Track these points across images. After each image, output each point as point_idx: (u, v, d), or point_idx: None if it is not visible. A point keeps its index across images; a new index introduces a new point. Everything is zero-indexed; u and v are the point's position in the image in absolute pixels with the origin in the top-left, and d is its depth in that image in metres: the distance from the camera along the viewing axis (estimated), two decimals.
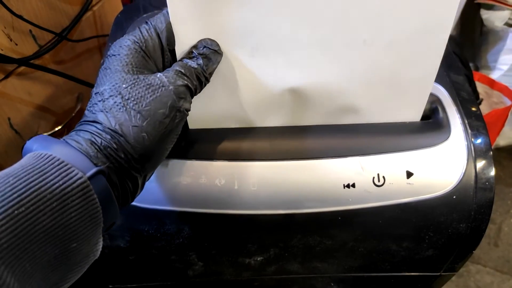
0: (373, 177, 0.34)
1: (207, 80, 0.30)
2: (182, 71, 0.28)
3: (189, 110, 0.29)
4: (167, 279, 0.39)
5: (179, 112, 0.28)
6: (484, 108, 0.81)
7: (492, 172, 0.35)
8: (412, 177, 0.34)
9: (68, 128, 0.62)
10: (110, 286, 0.40)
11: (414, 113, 0.36)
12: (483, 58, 1.01)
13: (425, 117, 0.37)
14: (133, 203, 0.33)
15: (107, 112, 0.26)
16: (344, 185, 0.34)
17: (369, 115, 0.36)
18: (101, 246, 0.25)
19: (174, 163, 0.33)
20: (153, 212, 0.34)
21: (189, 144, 0.34)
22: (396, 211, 0.34)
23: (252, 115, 0.35)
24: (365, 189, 0.34)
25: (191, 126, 0.36)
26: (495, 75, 0.97)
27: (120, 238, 0.34)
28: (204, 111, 0.35)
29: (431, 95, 0.37)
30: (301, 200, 0.34)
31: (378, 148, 0.35)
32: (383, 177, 0.34)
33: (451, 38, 0.78)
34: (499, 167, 1.10)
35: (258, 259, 0.37)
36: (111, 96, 0.26)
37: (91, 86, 0.60)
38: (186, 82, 0.28)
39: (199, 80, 0.29)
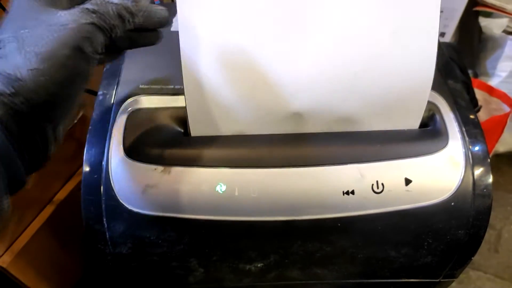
0: (372, 184, 0.34)
1: (134, 17, 0.27)
2: (92, 8, 0.25)
3: (100, 52, 0.26)
4: (168, 286, 0.40)
5: (83, 54, 0.25)
6: (483, 115, 0.82)
7: (490, 179, 0.35)
8: (410, 184, 0.34)
9: (70, 136, 0.63)
10: None
11: (412, 121, 0.37)
12: (482, 65, 1.02)
13: (423, 124, 0.38)
14: (135, 209, 0.34)
15: (1, 58, 0.24)
16: (343, 192, 0.34)
17: (368, 124, 0.36)
18: (7, 206, 0.23)
19: (176, 170, 0.34)
20: (155, 219, 0.34)
21: (190, 151, 0.35)
22: (395, 218, 0.35)
23: (253, 123, 0.36)
24: (364, 196, 0.34)
25: (193, 133, 0.36)
26: (494, 82, 0.98)
27: (122, 245, 0.35)
28: (206, 118, 0.36)
29: (429, 103, 0.38)
30: (301, 207, 0.34)
31: (377, 156, 0.35)
32: (382, 184, 0.34)
33: (450, 46, 0.78)
34: (499, 173, 1.10)
35: (259, 265, 0.38)
36: (9, 42, 0.24)
37: (93, 93, 0.61)
38: (92, 20, 0.25)
39: (120, 18, 0.26)
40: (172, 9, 0.46)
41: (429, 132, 0.37)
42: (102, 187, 0.34)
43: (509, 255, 0.94)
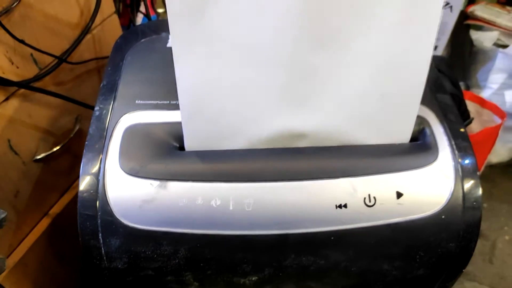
0: (364, 198, 0.35)
1: None
2: None
3: None
4: None
5: None
6: (476, 127, 0.83)
7: (480, 192, 0.36)
8: (402, 198, 0.35)
9: (66, 149, 0.63)
10: None
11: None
12: (473, 77, 1.04)
13: (414, 138, 0.39)
14: (131, 224, 0.34)
15: None
16: (336, 205, 0.35)
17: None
18: None
19: (172, 185, 0.34)
20: (150, 233, 0.34)
21: (185, 166, 0.35)
22: (387, 231, 0.35)
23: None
24: (356, 209, 0.35)
25: (188, 148, 0.37)
26: (485, 94, 1.00)
27: (118, 260, 0.35)
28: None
29: (420, 117, 0.39)
30: (295, 221, 0.35)
31: (369, 169, 0.36)
32: (374, 197, 0.35)
33: (441, 59, 0.80)
34: (492, 184, 1.11)
35: (253, 279, 0.38)
36: None
37: (90, 107, 0.62)
38: None
39: None
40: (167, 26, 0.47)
41: (419, 146, 0.38)
42: (98, 202, 0.34)
43: (503, 266, 0.94)
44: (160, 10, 0.96)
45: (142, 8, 0.79)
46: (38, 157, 0.58)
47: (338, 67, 0.34)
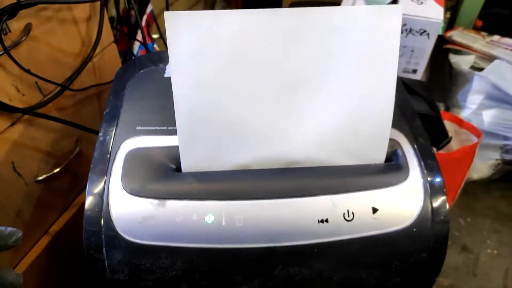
0: (344, 213, 0.39)
1: None
2: None
3: None
4: None
5: None
6: (454, 145, 0.88)
7: (447, 207, 0.40)
8: (377, 213, 0.39)
9: (66, 170, 0.66)
10: None
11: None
12: (453, 98, 1.09)
13: (388, 159, 0.43)
14: (132, 239, 0.38)
15: None
16: (318, 220, 0.38)
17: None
18: None
19: (169, 203, 0.38)
20: (150, 247, 0.38)
21: (182, 186, 0.39)
22: (365, 243, 0.39)
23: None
24: (337, 223, 0.39)
25: (185, 169, 0.41)
26: (464, 114, 1.05)
27: (120, 272, 0.38)
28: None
29: (393, 140, 0.43)
30: (281, 234, 0.38)
31: (348, 187, 0.40)
32: (352, 212, 0.39)
33: (419, 83, 0.85)
34: (475, 200, 1.15)
35: None
36: None
37: (90, 130, 0.65)
38: None
39: None
40: (166, 57, 0.52)
41: (392, 166, 0.42)
42: (102, 219, 0.38)
43: (486, 278, 0.98)
44: (155, 36, 1.01)
45: (138, 35, 0.83)
46: (40, 178, 0.61)
47: (314, 108, 0.40)
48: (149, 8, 0.92)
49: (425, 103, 0.74)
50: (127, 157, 0.41)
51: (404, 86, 0.54)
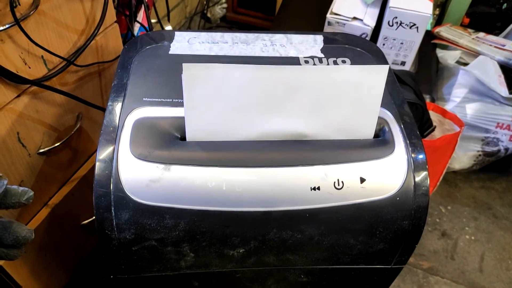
0: (334, 182, 0.42)
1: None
2: None
3: None
4: (162, 270, 0.46)
5: None
6: (438, 134, 0.92)
7: (428, 181, 0.44)
8: (364, 182, 0.43)
9: (67, 144, 0.69)
10: (112, 276, 0.46)
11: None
12: (439, 91, 1.14)
13: (376, 135, 0.46)
14: (139, 200, 0.40)
15: None
16: (311, 188, 0.42)
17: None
18: None
19: (174, 168, 0.41)
20: (156, 208, 0.41)
21: (186, 153, 0.42)
22: (352, 210, 0.43)
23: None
24: (327, 191, 0.42)
25: (189, 138, 0.44)
26: (449, 106, 1.10)
27: (127, 231, 0.41)
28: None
29: (381, 119, 0.47)
30: (277, 200, 0.42)
31: (339, 159, 0.43)
32: (342, 182, 0.42)
33: (407, 73, 0.89)
34: (456, 189, 1.21)
35: (241, 251, 0.45)
36: None
37: (93, 105, 0.68)
38: None
39: None
40: (168, 36, 0.54)
41: (379, 142, 0.46)
42: (112, 181, 0.41)
43: (464, 262, 1.03)
44: (153, 21, 1.02)
45: (138, 18, 0.85)
46: (42, 150, 0.64)
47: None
48: None
49: (412, 92, 0.78)
50: (135, 125, 0.43)
51: None
